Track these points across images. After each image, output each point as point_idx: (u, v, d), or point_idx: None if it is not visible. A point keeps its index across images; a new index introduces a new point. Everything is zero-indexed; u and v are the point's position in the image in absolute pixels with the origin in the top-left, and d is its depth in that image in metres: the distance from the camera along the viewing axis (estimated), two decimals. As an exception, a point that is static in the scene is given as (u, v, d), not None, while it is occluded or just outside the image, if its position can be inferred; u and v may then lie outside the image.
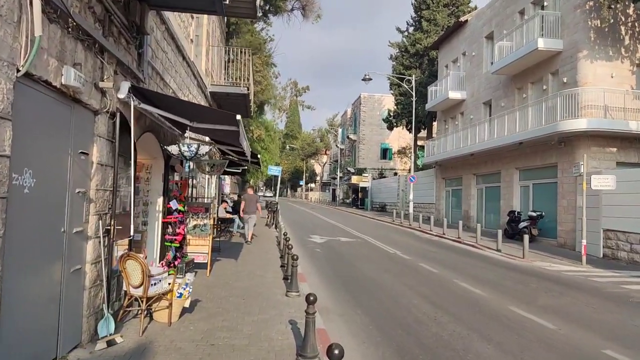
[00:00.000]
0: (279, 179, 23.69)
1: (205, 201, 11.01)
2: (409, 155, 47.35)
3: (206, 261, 9.07)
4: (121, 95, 5.29)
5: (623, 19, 16.23)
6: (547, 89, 17.91)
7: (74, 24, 4.31)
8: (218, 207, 17.29)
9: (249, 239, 15.04)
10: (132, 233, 5.74)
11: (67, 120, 4.48)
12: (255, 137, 24.42)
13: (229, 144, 9.16)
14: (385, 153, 52.38)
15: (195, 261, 8.97)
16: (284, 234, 11.68)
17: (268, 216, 22.31)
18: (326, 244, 16.46)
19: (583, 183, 13.32)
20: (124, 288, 5.75)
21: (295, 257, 7.60)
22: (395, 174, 47.98)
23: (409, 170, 44.18)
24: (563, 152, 16.64)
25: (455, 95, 25.16)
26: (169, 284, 5.91)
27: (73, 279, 4.82)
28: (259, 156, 12.69)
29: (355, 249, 15.31)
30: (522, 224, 17.99)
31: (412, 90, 27.97)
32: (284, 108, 67.33)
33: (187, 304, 6.07)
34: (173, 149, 5.97)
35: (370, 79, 27.95)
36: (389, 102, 48.36)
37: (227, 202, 18.29)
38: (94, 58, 4.90)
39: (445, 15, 32.65)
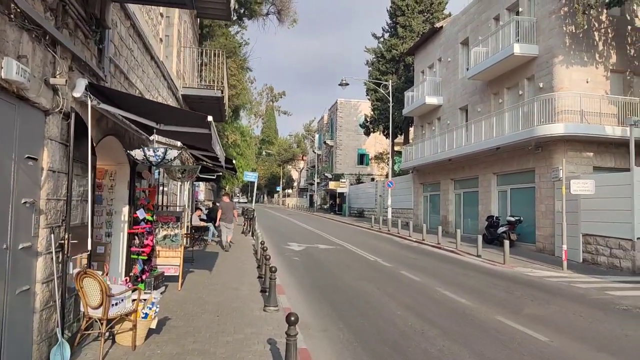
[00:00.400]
0: (255, 185, 23.10)
1: (177, 209, 10.40)
2: (386, 160, 47.40)
3: (177, 274, 8.47)
4: (77, 94, 4.73)
5: (597, 25, 16.41)
6: (523, 94, 17.96)
7: (18, 10, 3.76)
8: (192, 215, 16.62)
9: (227, 244, 15.04)
10: (89, 247, 5.16)
11: (10, 120, 3.91)
12: (231, 142, 23.77)
13: (202, 149, 8.64)
14: (362, 159, 52.32)
15: (165, 274, 8.36)
16: (261, 243, 11.16)
17: (244, 223, 21.70)
18: (304, 251, 15.99)
19: (562, 188, 13.27)
20: (82, 309, 5.16)
21: (273, 269, 7.10)
22: (373, 179, 47.87)
23: (386, 175, 44.17)
24: (540, 157, 16.66)
25: (432, 100, 25.13)
26: (134, 301, 5.34)
27: (20, 301, 4.22)
28: (234, 162, 12.16)
29: (335, 256, 14.88)
30: (501, 229, 17.93)
31: (389, 96, 27.89)
32: (260, 113, 66.73)
33: (153, 325, 5.51)
34: (137, 153, 5.41)
35: (347, 84, 27.75)
36: (365, 108, 48.35)
37: (201, 209, 17.61)
38: (44, 51, 4.34)
39: (420, 21, 32.80)
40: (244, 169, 26.48)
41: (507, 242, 13.93)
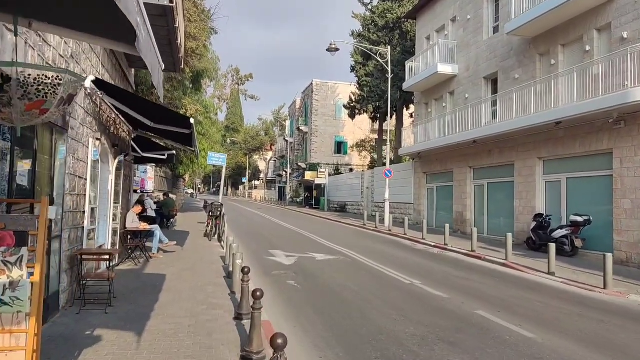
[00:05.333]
0: (224, 172, 17.58)
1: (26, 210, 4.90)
2: (368, 148, 42.60)
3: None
4: None
5: (702, -47, 11.90)
6: (592, 50, 13.32)
7: None
8: (126, 214, 11.01)
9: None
10: None
11: None
12: (190, 115, 18.21)
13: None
14: (340, 147, 47.27)
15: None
16: (243, 271, 5.85)
17: (208, 223, 16.16)
18: (299, 267, 10.78)
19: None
20: None
21: None
22: (351, 170, 43.02)
23: (369, 166, 39.39)
24: (623, 133, 12.07)
25: (445, 69, 20.26)
26: None
27: None
28: (191, 121, 6.77)
29: (349, 277, 9.74)
30: (559, 232, 13.29)
31: (388, 65, 22.82)
32: (225, 97, 60.36)
33: None
34: None
35: (337, 49, 22.47)
36: (344, 90, 43.45)
37: (142, 203, 11.99)
38: None
39: (419, -17, 27.91)
40: (207, 151, 20.86)
41: (609, 258, 9.19)
